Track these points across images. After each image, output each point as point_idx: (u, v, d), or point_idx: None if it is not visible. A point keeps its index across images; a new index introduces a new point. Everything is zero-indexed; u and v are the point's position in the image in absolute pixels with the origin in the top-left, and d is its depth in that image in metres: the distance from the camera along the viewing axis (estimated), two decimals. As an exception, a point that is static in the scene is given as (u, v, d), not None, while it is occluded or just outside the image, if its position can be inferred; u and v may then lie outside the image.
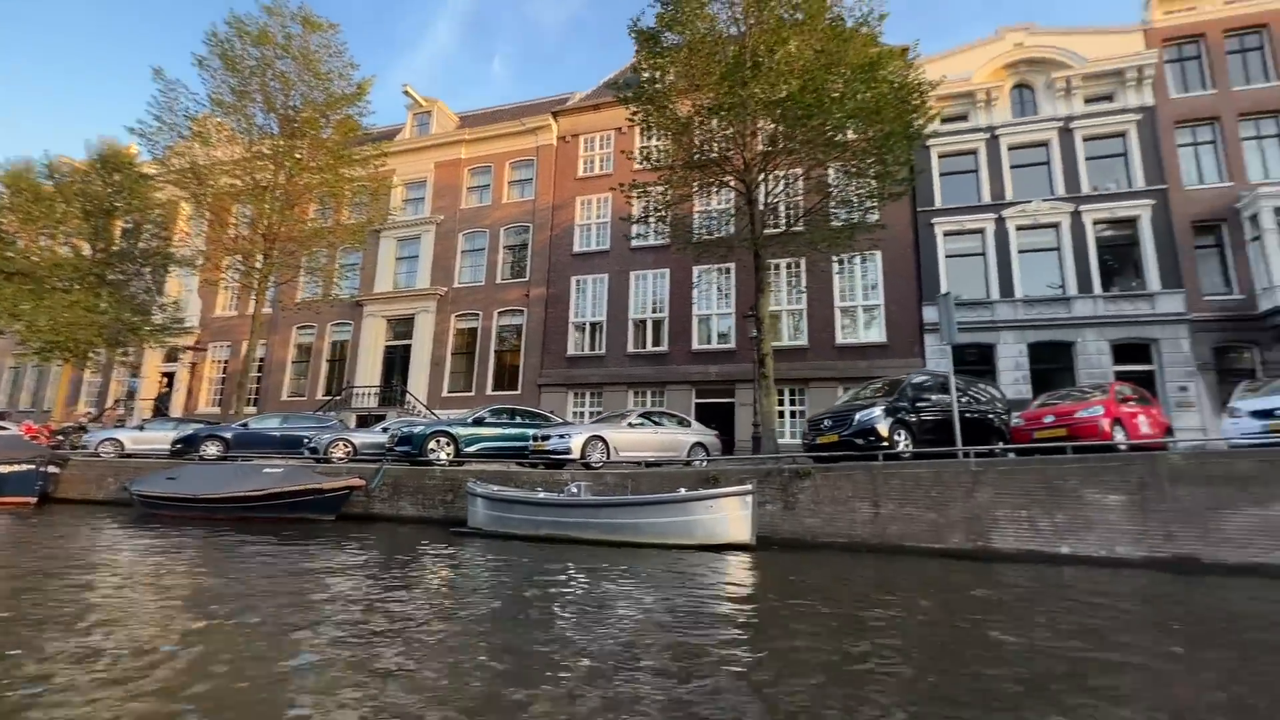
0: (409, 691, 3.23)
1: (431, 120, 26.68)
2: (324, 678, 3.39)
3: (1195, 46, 18.20)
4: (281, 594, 5.68)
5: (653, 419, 12.82)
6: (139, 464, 13.53)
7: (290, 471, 11.39)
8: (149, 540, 8.86)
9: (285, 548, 8.30)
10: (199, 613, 4.87)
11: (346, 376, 24.50)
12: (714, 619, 5.02)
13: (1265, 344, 15.92)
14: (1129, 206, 17.53)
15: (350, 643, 4.11)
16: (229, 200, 18.03)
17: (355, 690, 3.26)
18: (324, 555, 7.92)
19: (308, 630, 4.38)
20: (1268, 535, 7.74)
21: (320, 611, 4.94)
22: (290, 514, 10.67)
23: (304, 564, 7.35)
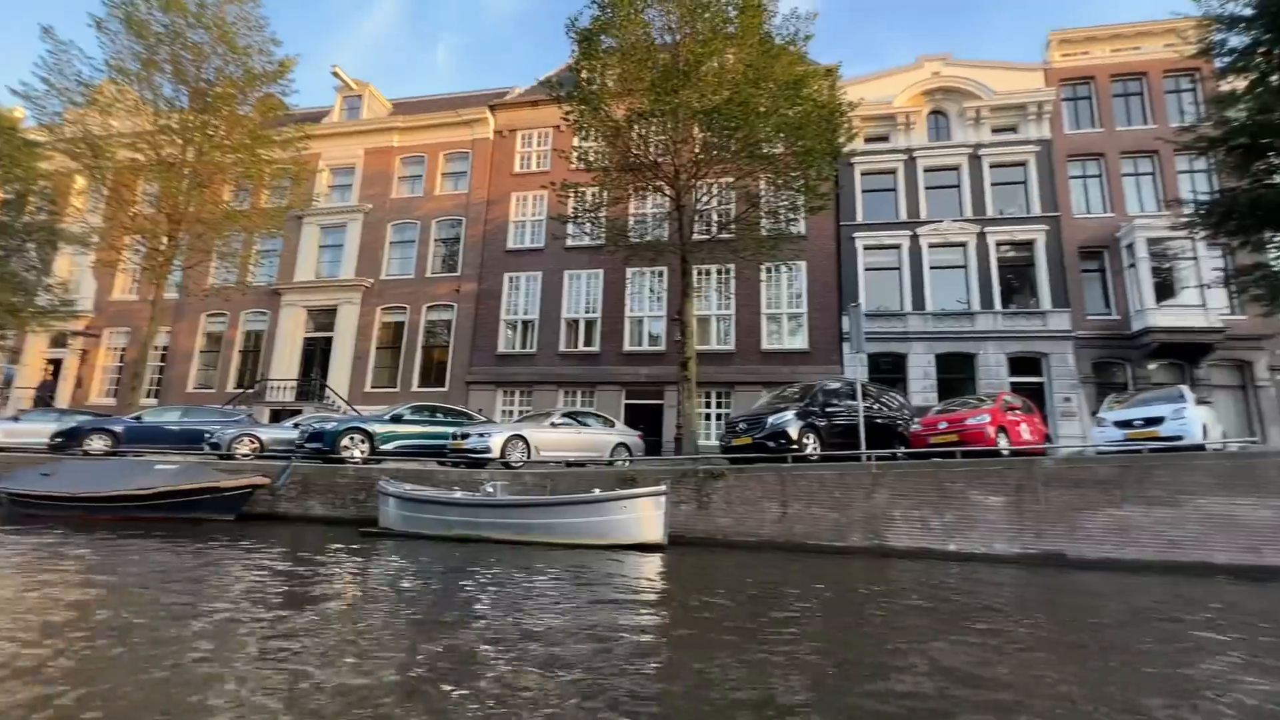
0: (312, 695, 3.17)
1: (362, 105, 25.70)
2: (220, 686, 3.27)
3: (1087, 88, 19.96)
4: (163, 600, 5.38)
5: (577, 419, 12.87)
6: (9, 459, 12.34)
7: (185, 469, 10.72)
8: (13, 542, 8.14)
9: (171, 551, 7.82)
10: (68, 622, 4.55)
11: (261, 369, 23.23)
12: (623, 615, 5.14)
13: (1136, 361, 17.65)
14: (1026, 231, 19.03)
15: (246, 645, 3.96)
16: (130, 175, 16.72)
17: (257, 695, 3.16)
18: (218, 557, 7.52)
19: (198, 637, 4.18)
20: (1120, 533, 8.64)
21: (210, 617, 4.72)
22: (184, 514, 10.03)
23: (193, 567, 6.96)
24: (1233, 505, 8.45)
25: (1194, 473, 8.65)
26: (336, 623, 4.59)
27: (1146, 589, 7.35)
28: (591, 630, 4.62)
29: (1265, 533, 8.31)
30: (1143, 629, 5.55)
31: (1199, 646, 4.85)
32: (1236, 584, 7.70)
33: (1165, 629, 5.58)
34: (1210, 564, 8.31)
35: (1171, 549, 8.47)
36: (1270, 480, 8.45)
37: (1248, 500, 8.42)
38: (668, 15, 13.01)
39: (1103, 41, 19.98)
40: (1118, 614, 6.07)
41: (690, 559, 8.49)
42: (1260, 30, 12.32)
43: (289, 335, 23.30)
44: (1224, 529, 8.41)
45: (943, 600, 6.49)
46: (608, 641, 4.27)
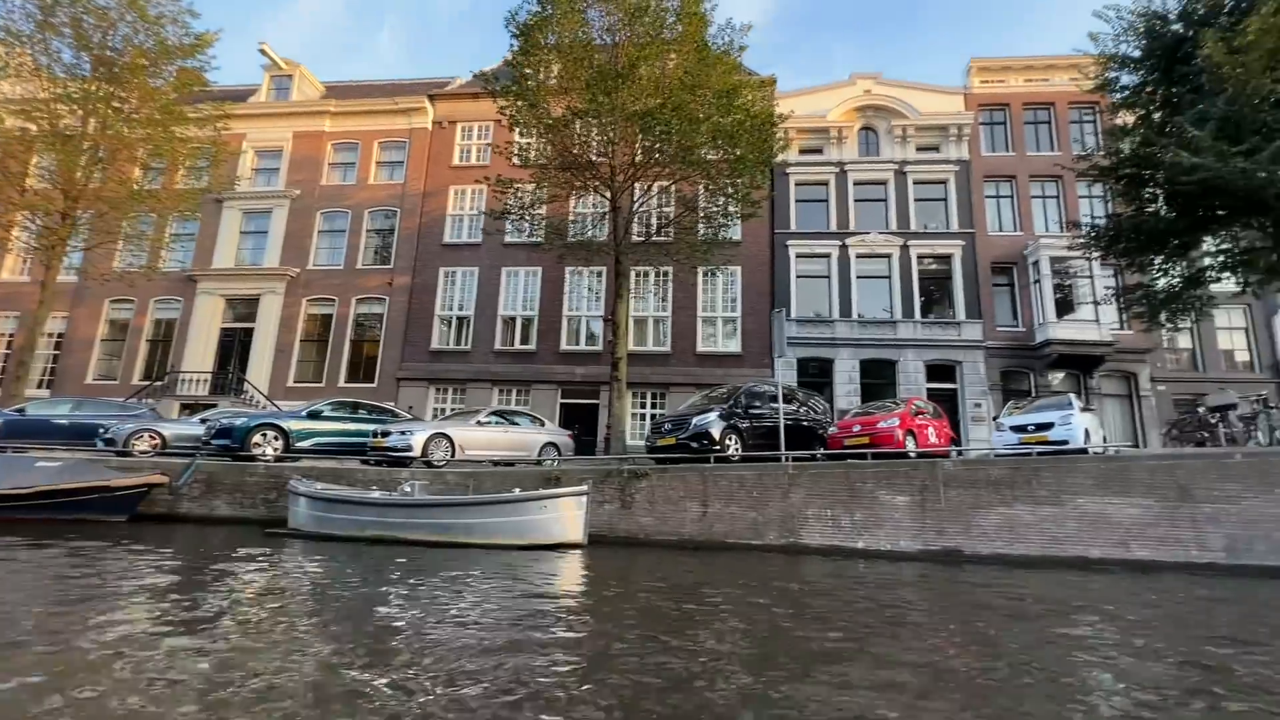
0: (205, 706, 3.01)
1: (292, 86, 24.51)
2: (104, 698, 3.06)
3: (1003, 113, 21.32)
4: (37, 608, 4.99)
5: (507, 417, 12.73)
6: None
7: (70, 466, 9.93)
8: None
9: (49, 554, 7.26)
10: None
11: (171, 360, 21.79)
12: (537, 617, 5.12)
13: (1039, 370, 18.99)
14: (945, 245, 20.14)
15: (131, 655, 3.73)
16: (20, 146, 15.35)
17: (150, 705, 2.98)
18: (102, 561, 7.03)
19: (80, 645, 3.90)
20: (1010, 530, 9.29)
21: (90, 622, 4.41)
22: (68, 515, 9.30)
23: (72, 572, 6.48)
24: (1107, 504, 9.24)
25: (1075, 475, 9.41)
26: (231, 633, 4.38)
27: (1030, 581, 7.94)
28: (504, 631, 4.60)
29: (1134, 529, 9.12)
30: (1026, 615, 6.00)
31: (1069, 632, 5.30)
32: (1106, 576, 8.42)
33: (1044, 614, 6.04)
34: (1087, 558, 9.06)
35: (1054, 545, 9.18)
36: (1139, 481, 9.29)
37: (1120, 500, 9.23)
38: (608, 16, 13.09)
39: (1017, 71, 21.40)
40: (1004, 604, 6.53)
41: (610, 558, 8.56)
42: (1146, 71, 13.51)
43: (204, 325, 21.97)
44: (1099, 526, 9.18)
45: (851, 594, 6.80)
46: (520, 643, 4.26)
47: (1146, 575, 8.50)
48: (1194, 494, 9.12)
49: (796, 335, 19.91)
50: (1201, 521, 9.03)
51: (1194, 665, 4.38)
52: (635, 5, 12.61)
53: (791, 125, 21.30)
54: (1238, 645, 5.03)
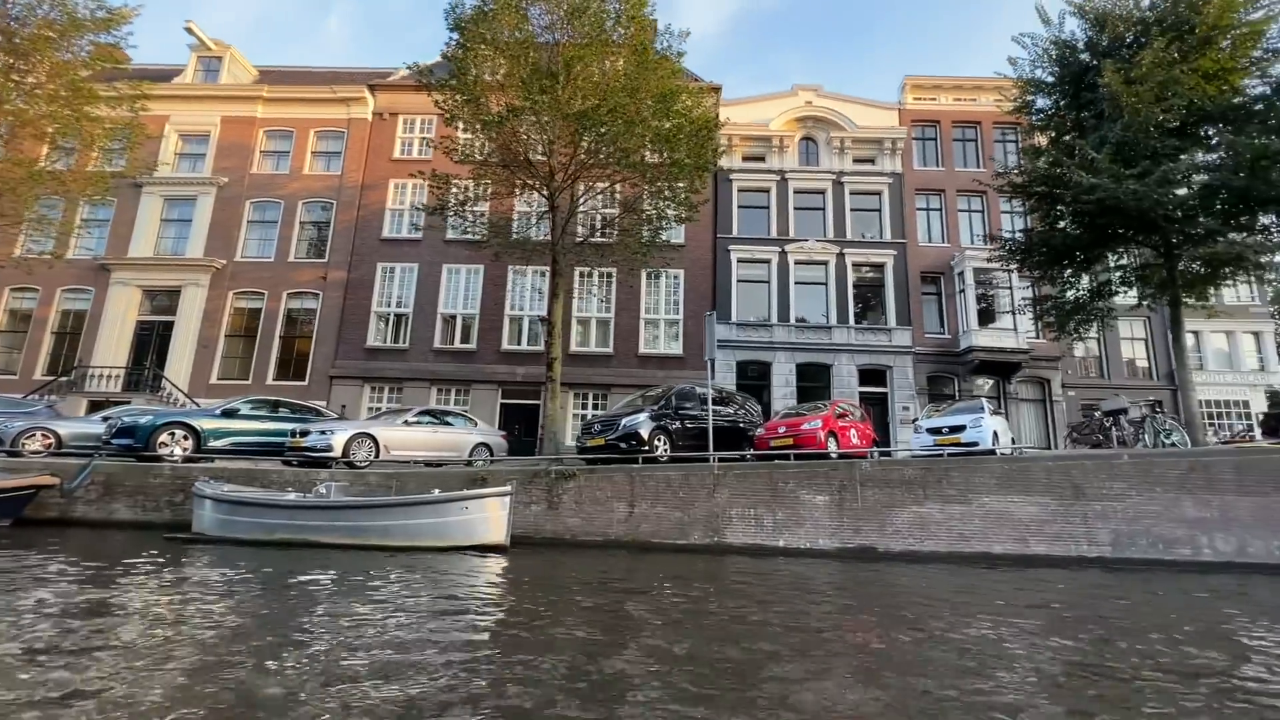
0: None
1: (222, 68, 23.36)
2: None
3: (934, 129, 22.31)
4: None
5: (438, 417, 12.48)
6: None
7: (-53, 467, 9.18)
8: None
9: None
10: None
11: (80, 354, 20.40)
12: (450, 621, 5.02)
13: (963, 375, 19.94)
14: (879, 254, 20.92)
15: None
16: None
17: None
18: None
19: None
20: (921, 528, 9.72)
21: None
22: (-58, 519, 8.59)
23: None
24: (1009, 503, 9.78)
25: (981, 475, 9.92)
26: (114, 650, 4.12)
27: (939, 576, 8.32)
28: (412, 636, 4.49)
29: (1033, 526, 9.69)
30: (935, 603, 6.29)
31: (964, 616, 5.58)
32: (1004, 571, 8.90)
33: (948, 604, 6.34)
34: (990, 554, 9.56)
35: (961, 541, 9.65)
36: (1038, 481, 9.88)
37: (1020, 498, 9.78)
38: (549, 14, 13.02)
39: (948, 90, 22.43)
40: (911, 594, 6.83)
41: (534, 560, 8.50)
42: (1059, 96, 14.39)
43: (118, 317, 20.67)
44: (1002, 523, 9.71)
45: (771, 590, 6.95)
46: (431, 648, 4.17)
47: (1041, 569, 9.04)
48: (1086, 493, 9.76)
49: (737, 339, 20.31)
50: (1092, 518, 9.66)
51: (1053, 655, 4.70)
52: (575, 5, 12.59)
53: (735, 133, 21.80)
54: (1104, 636, 5.41)
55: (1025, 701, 3.58)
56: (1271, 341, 21.28)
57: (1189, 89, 11.13)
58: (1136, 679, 4.05)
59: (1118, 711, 3.51)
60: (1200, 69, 11.66)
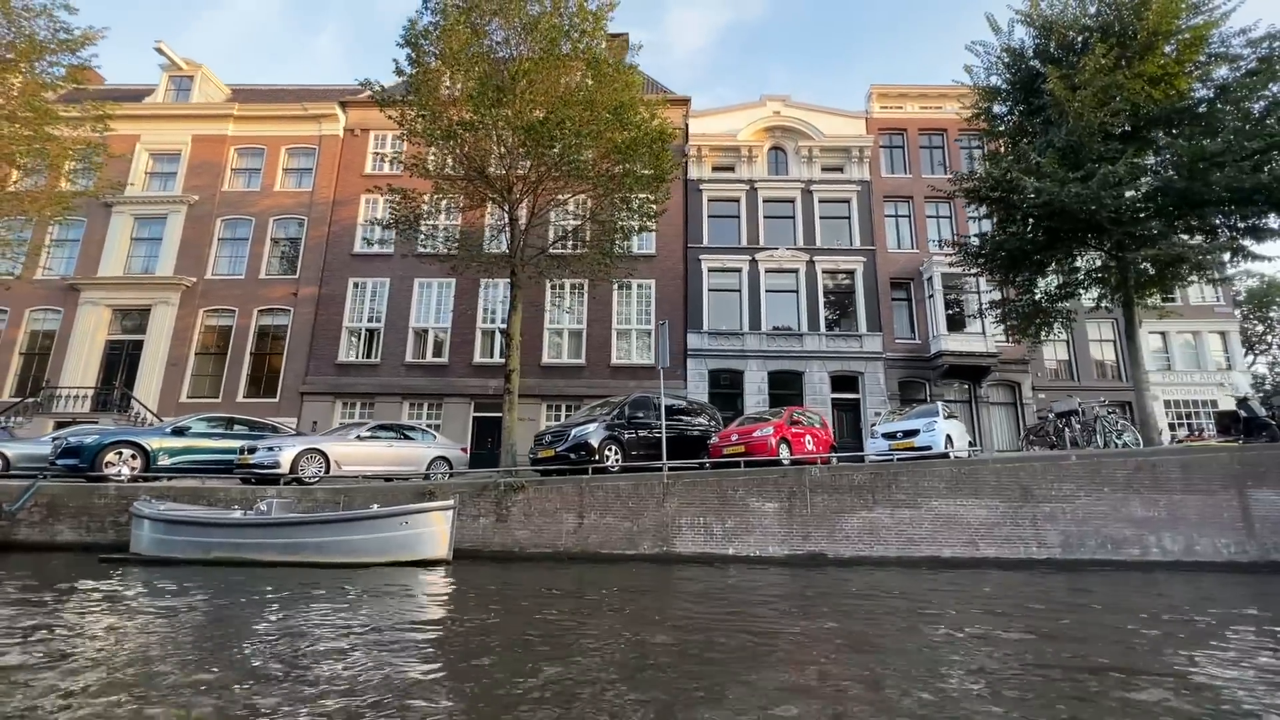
0: None
1: (194, 87, 23.43)
2: None
3: (901, 137, 22.55)
4: None
5: (398, 431, 12.43)
6: None
7: (-116, 491, 9.07)
8: None
9: None
10: None
11: (48, 375, 20.25)
12: (382, 644, 4.93)
13: (934, 380, 20.00)
14: (848, 261, 21.05)
15: None
16: None
17: None
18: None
19: None
20: (871, 533, 9.70)
21: None
22: (-125, 544, 8.47)
23: None
24: (959, 506, 9.78)
25: (930, 479, 9.93)
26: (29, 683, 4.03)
27: (887, 580, 8.29)
28: (338, 656, 4.42)
29: (982, 529, 9.69)
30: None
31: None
32: (954, 573, 8.88)
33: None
34: (939, 557, 9.55)
35: (910, 546, 9.64)
36: (987, 484, 9.89)
37: (970, 501, 9.79)
38: (505, 29, 13.13)
39: (914, 99, 22.70)
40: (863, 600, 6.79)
41: (477, 574, 8.42)
42: (1012, 102, 14.59)
43: (87, 337, 20.55)
44: (951, 527, 9.71)
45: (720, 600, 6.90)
46: (365, 671, 4.09)
47: (992, 572, 9.03)
48: (1035, 494, 9.78)
49: (709, 348, 20.35)
50: (1041, 520, 9.67)
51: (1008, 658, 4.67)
52: (528, 21, 12.71)
53: (705, 143, 21.99)
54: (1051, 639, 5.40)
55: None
56: (1237, 341, 21.45)
57: (1132, 93, 11.30)
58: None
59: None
60: (1144, 74, 11.83)
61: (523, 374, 20.52)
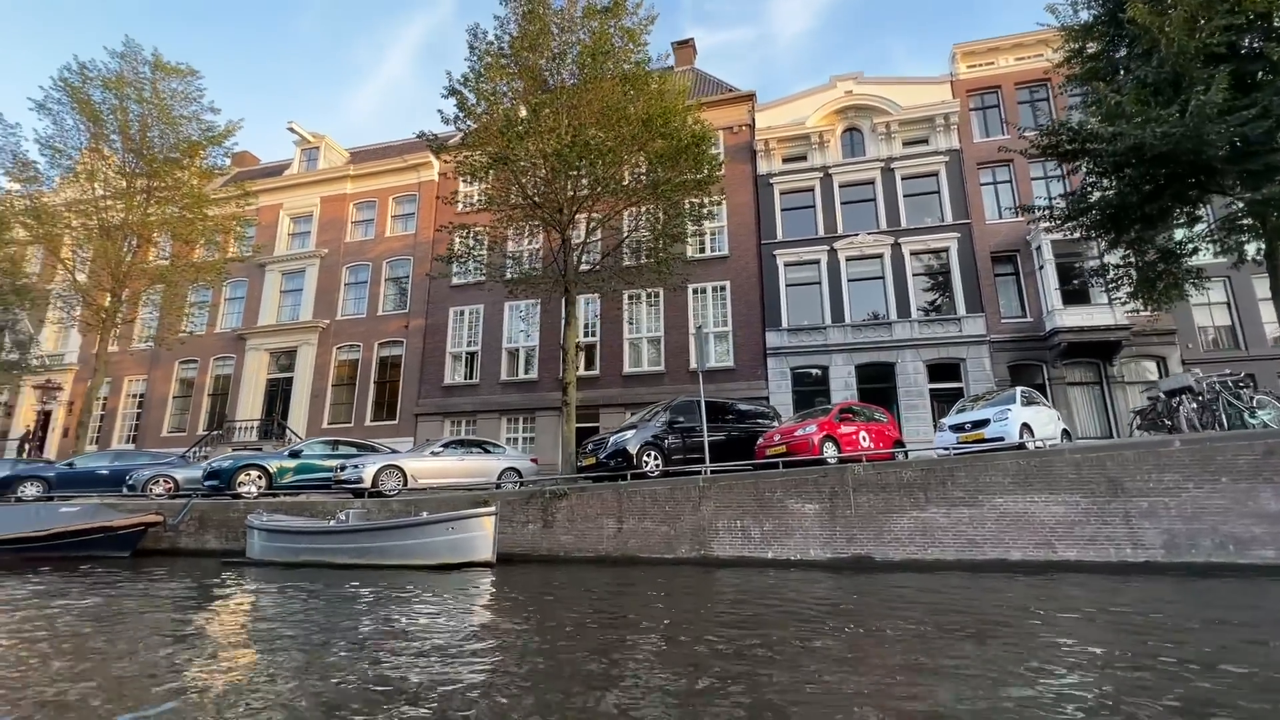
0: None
1: (319, 155, 27.17)
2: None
3: (994, 95, 20.37)
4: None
5: (467, 446, 13.54)
6: None
7: (84, 510, 11.62)
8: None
9: (33, 587, 8.62)
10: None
11: (228, 410, 24.41)
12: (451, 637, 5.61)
13: (1050, 361, 17.74)
14: (940, 239, 19.36)
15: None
16: (74, 240, 18.13)
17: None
18: (66, 591, 8.27)
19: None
20: (924, 535, 8.95)
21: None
22: (79, 553, 10.90)
23: (38, 602, 7.72)
24: (1029, 503, 8.73)
25: (992, 473, 8.95)
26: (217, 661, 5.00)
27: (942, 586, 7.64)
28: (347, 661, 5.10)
29: (1059, 528, 8.56)
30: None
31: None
32: (1029, 579, 7.93)
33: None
34: (1006, 560, 8.59)
35: (971, 548, 8.76)
36: (1064, 477, 8.72)
37: (1042, 497, 8.69)
38: (544, 60, 13.93)
39: (1006, 51, 20.42)
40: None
41: (516, 576, 9.00)
42: (1105, 39, 12.74)
43: (253, 377, 24.49)
44: (1020, 526, 8.68)
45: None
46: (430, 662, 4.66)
47: (1076, 577, 7.92)
48: (1127, 487, 8.46)
49: (789, 345, 19.71)
50: (1136, 517, 8.35)
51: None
52: (566, 48, 13.39)
53: (772, 136, 21.42)
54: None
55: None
56: None
57: (1230, 7, 9.45)
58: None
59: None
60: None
61: (606, 384, 21.37)
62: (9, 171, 16.84)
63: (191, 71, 18.69)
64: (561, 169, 12.38)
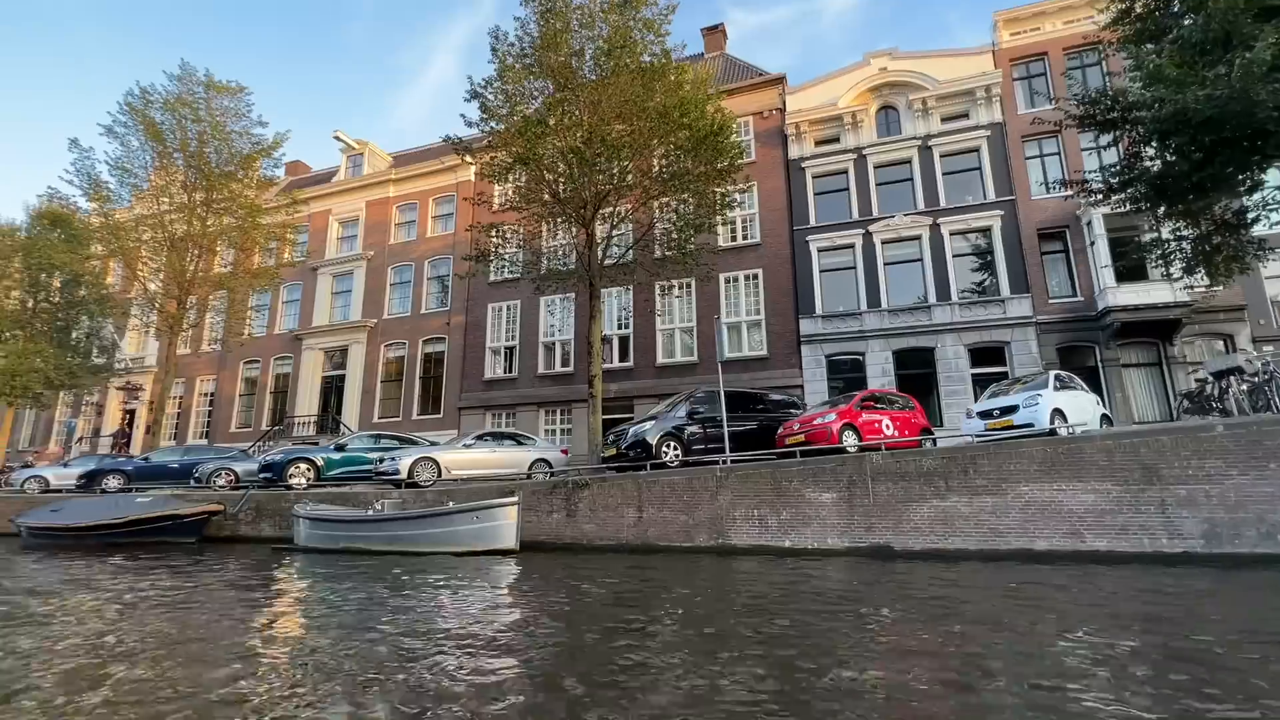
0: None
1: (364, 161, 28.34)
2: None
3: (1041, 63, 19.31)
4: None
5: (499, 438, 14.02)
6: (30, 498, 14.99)
7: (155, 500, 12.72)
8: (51, 565, 10.16)
9: (101, 569, 9.56)
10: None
11: (287, 407, 25.94)
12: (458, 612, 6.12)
13: (1103, 342, 16.82)
14: (982, 217, 18.57)
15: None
16: (145, 252, 19.62)
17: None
18: (133, 572, 9.14)
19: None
20: (945, 524, 8.77)
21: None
22: (152, 539, 11.97)
23: (103, 580, 8.58)
24: (1056, 491, 8.43)
25: (1017, 461, 8.67)
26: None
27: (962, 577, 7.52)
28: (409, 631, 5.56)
29: (1088, 517, 8.24)
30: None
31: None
32: (1059, 570, 7.69)
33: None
34: (1031, 550, 8.33)
35: (994, 537, 8.53)
36: (1095, 465, 8.37)
37: (1070, 485, 8.38)
38: (565, 58, 14.14)
39: (1053, 14, 19.29)
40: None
41: (536, 563, 9.35)
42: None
43: (310, 375, 25.93)
44: (1047, 515, 8.40)
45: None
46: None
47: (1107, 568, 7.61)
48: (1163, 475, 8.05)
49: (823, 332, 19.39)
50: (1173, 506, 7.95)
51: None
52: (596, 43, 13.55)
53: (803, 119, 20.98)
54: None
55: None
56: None
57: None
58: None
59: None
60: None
61: (640, 375, 21.58)
62: (86, 192, 18.39)
63: (240, 88, 19.85)
64: (580, 166, 12.58)
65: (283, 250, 21.71)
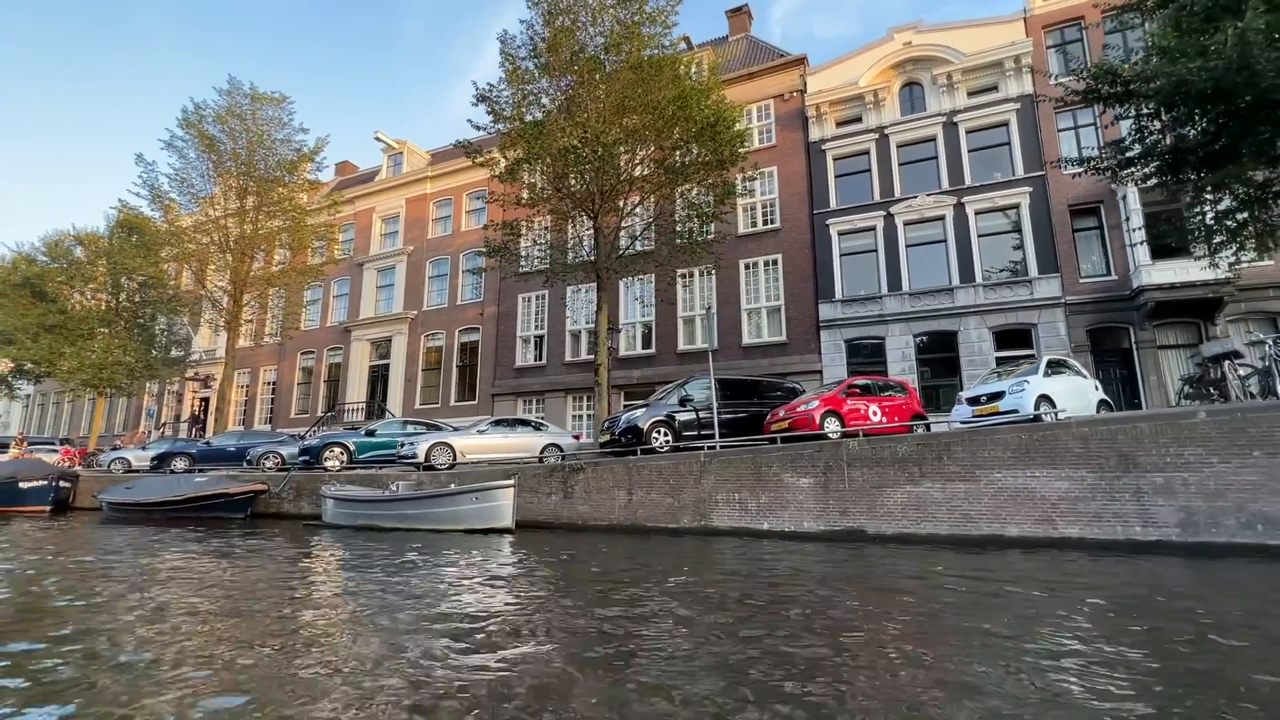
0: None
1: (403, 160, 29.68)
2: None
3: (1076, 28, 18.28)
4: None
5: (512, 424, 14.84)
6: (114, 477, 16.95)
7: (211, 479, 14.24)
8: (106, 538, 11.75)
9: (167, 538, 10.92)
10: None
11: (339, 395, 27.82)
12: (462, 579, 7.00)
13: (1137, 323, 16.04)
14: (1009, 195, 17.90)
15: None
16: (202, 254, 21.49)
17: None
18: (170, 546, 10.42)
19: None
20: (917, 509, 8.92)
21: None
22: (208, 514, 13.46)
23: (166, 549, 9.85)
24: (1029, 478, 8.42)
25: (991, 448, 8.68)
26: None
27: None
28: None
29: (1061, 504, 8.22)
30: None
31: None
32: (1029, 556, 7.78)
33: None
34: (1002, 536, 8.39)
35: (966, 523, 8.62)
36: (1070, 452, 8.30)
37: (1044, 472, 8.36)
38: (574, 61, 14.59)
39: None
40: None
41: (537, 541, 10.06)
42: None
43: (358, 365, 27.69)
44: (1019, 502, 8.42)
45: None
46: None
47: (1079, 555, 7.62)
48: (1140, 462, 7.94)
49: (843, 316, 19.26)
50: (1149, 493, 7.84)
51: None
52: (574, 52, 13.96)
53: (823, 100, 20.64)
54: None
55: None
56: None
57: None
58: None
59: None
60: None
61: (661, 362, 22.01)
62: (152, 203, 20.33)
63: (283, 98, 21.28)
64: (582, 164, 13.06)
65: (331, 248, 23.20)
